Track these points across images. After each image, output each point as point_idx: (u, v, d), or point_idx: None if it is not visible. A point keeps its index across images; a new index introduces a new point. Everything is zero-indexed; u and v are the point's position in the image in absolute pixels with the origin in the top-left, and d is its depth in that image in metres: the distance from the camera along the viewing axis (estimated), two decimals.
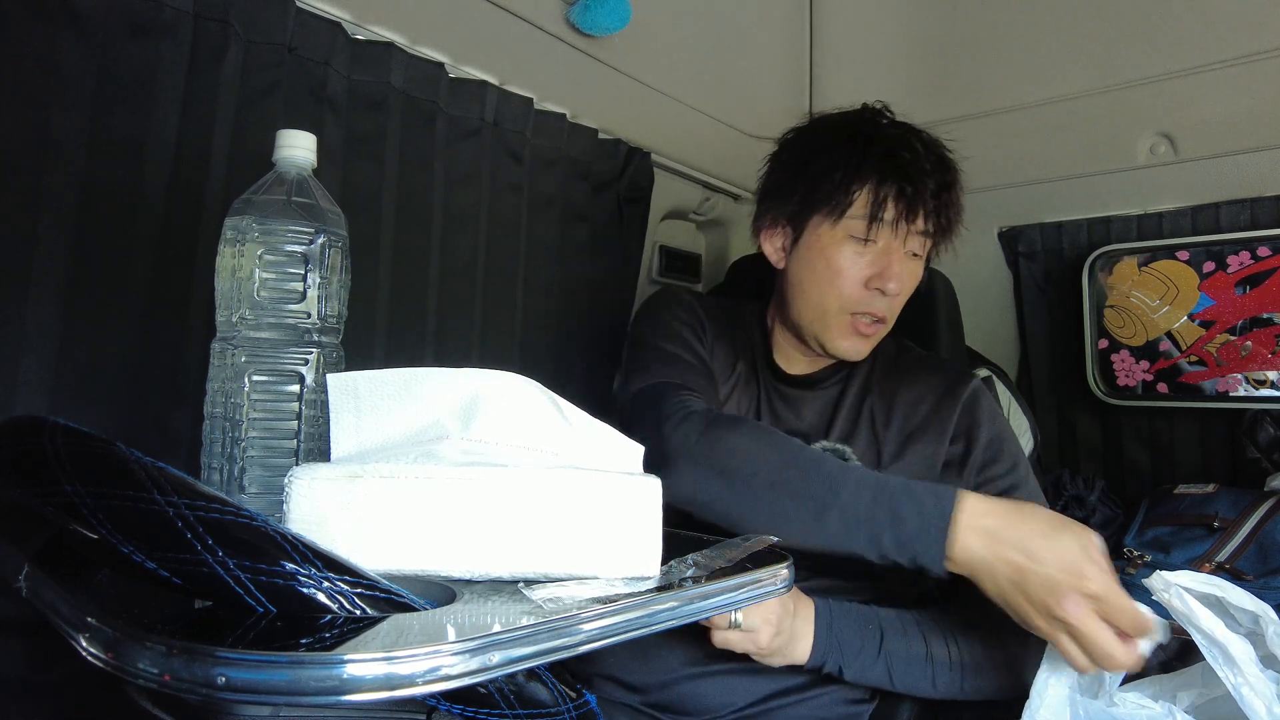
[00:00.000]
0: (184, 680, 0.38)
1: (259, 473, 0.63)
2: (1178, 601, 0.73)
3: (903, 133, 0.97)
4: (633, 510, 0.56)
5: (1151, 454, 1.60)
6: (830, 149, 0.95)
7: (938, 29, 1.69)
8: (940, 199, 0.94)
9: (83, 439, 0.47)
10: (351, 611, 0.44)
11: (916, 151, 0.94)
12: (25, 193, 0.77)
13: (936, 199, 0.94)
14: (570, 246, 1.37)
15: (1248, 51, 1.35)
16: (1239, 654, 0.70)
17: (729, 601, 0.58)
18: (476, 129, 1.19)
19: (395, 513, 0.52)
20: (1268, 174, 1.40)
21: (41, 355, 0.77)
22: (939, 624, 0.90)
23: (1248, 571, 1.28)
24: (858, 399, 1.01)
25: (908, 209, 0.92)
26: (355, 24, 1.03)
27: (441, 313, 1.16)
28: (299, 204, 0.64)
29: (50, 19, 0.78)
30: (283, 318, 0.64)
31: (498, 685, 0.49)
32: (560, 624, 0.46)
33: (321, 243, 0.65)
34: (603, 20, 1.23)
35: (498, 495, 0.53)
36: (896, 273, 0.92)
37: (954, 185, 0.96)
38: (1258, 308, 1.42)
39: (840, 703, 0.93)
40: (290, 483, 0.52)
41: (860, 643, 0.87)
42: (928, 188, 0.92)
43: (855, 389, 1.02)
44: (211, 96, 0.89)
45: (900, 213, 0.92)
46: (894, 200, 0.92)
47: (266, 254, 0.63)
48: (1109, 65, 1.48)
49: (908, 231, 0.94)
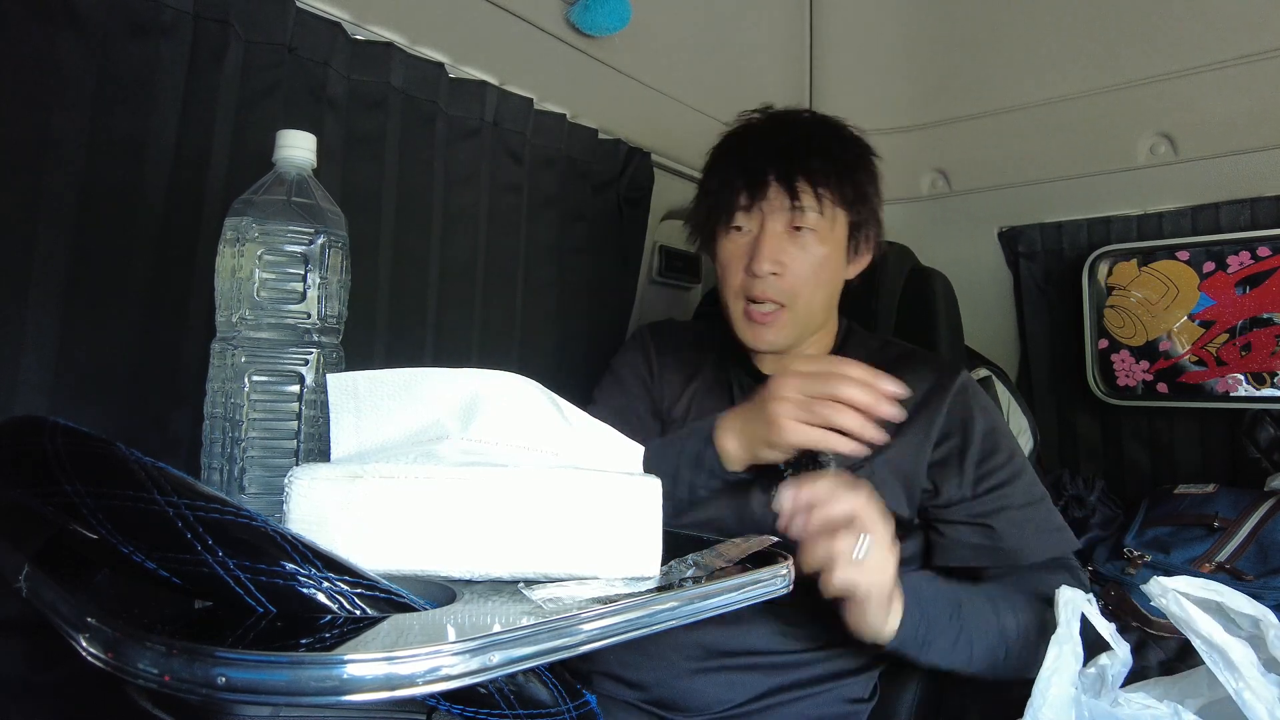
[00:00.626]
0: (184, 680, 0.38)
1: (259, 473, 0.63)
2: (1175, 607, 0.73)
3: (762, 119, 1.01)
4: (633, 510, 0.56)
5: (1151, 454, 1.60)
6: (707, 169, 1.03)
7: (938, 29, 1.69)
8: (800, 166, 0.93)
9: (83, 439, 0.47)
10: (351, 611, 0.44)
11: (764, 130, 0.99)
12: (25, 193, 0.77)
13: (791, 167, 0.93)
14: (570, 246, 1.37)
15: (1248, 51, 1.35)
16: (1239, 658, 0.70)
17: (729, 601, 0.58)
18: (476, 129, 1.19)
19: (395, 513, 0.52)
20: (1268, 174, 1.40)
21: (41, 355, 0.77)
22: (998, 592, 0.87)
23: (1248, 571, 1.28)
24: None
25: (755, 187, 0.94)
26: (355, 24, 1.03)
27: (441, 313, 1.16)
28: (299, 204, 0.64)
29: (50, 19, 0.78)
30: (283, 318, 0.64)
31: (498, 685, 0.49)
32: (560, 624, 0.46)
33: (321, 243, 0.65)
34: (603, 20, 1.23)
35: (498, 495, 0.53)
36: (764, 251, 0.93)
37: (818, 151, 0.95)
38: (1258, 308, 1.42)
39: (840, 700, 0.93)
40: (290, 483, 0.52)
41: (946, 621, 0.81)
42: (773, 160, 0.94)
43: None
44: (211, 96, 0.89)
45: (751, 192, 0.94)
46: (741, 180, 0.95)
47: (266, 254, 0.63)
48: (1109, 65, 1.48)
49: (770, 209, 0.94)
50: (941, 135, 1.71)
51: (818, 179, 0.93)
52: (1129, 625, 1.27)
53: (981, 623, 0.83)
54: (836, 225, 0.97)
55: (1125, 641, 0.79)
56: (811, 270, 0.95)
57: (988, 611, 0.84)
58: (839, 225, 0.97)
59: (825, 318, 1.03)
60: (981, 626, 0.83)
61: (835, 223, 0.97)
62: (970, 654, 0.82)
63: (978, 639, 0.82)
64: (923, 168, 1.75)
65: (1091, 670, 0.78)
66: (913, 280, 1.29)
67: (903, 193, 1.75)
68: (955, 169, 1.72)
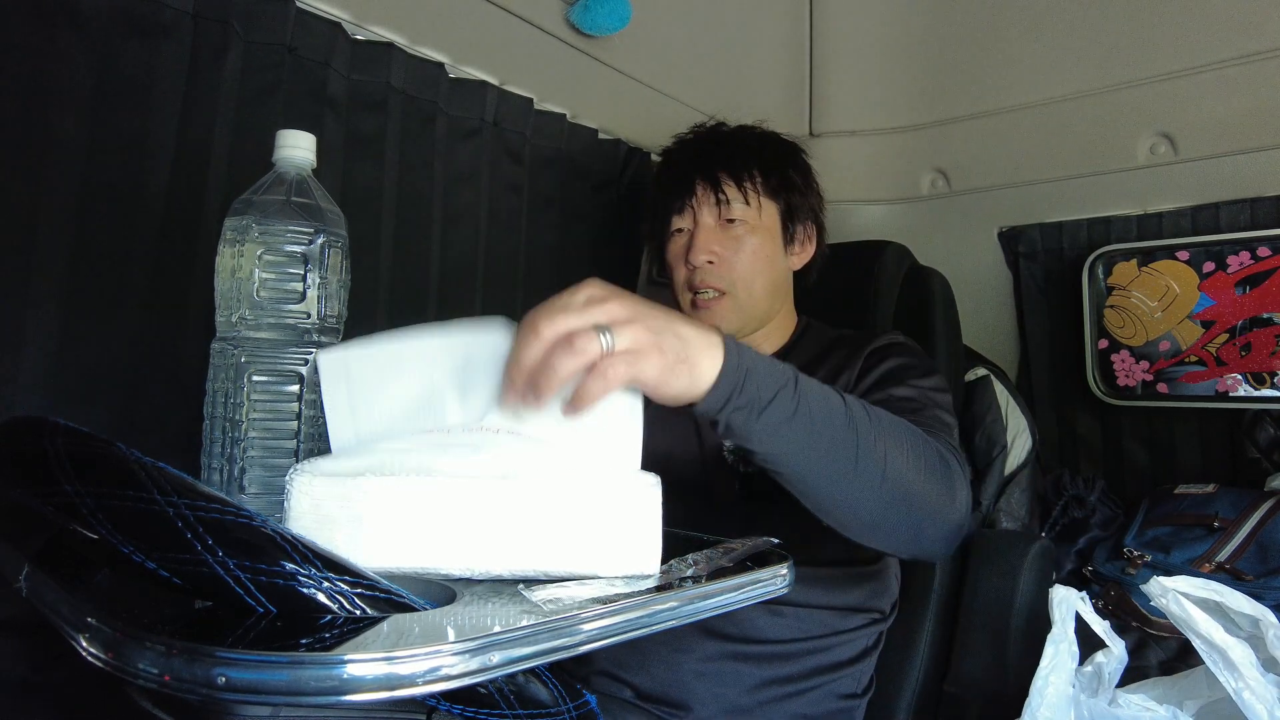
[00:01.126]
0: (184, 680, 0.38)
1: (259, 473, 0.63)
2: (1175, 607, 0.73)
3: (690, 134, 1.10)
4: (632, 510, 0.56)
5: (1151, 454, 1.60)
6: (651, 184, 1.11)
7: (938, 29, 1.69)
8: (723, 164, 1.01)
9: (83, 439, 0.47)
10: (351, 611, 0.44)
11: (691, 142, 1.08)
12: (25, 193, 0.77)
13: (713, 165, 1.01)
14: (570, 246, 1.37)
15: (1248, 51, 1.35)
16: (1239, 658, 0.70)
17: (729, 601, 0.58)
18: (476, 129, 1.19)
19: (395, 512, 0.52)
20: (1268, 174, 1.40)
21: (41, 355, 0.77)
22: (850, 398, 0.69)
23: (1248, 571, 1.28)
24: None
25: (684, 187, 1.02)
26: (355, 24, 1.03)
27: (441, 312, 1.16)
28: (299, 204, 0.64)
29: (50, 19, 0.78)
30: (282, 318, 0.64)
31: (498, 685, 0.49)
32: (560, 624, 0.46)
33: (321, 243, 0.65)
34: (603, 20, 1.23)
35: (497, 495, 0.53)
36: (698, 243, 1.00)
37: (739, 149, 1.03)
38: (1258, 308, 1.42)
39: (833, 697, 0.93)
40: (290, 481, 0.52)
41: (774, 384, 0.63)
42: (696, 163, 1.02)
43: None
44: (211, 96, 0.89)
45: (681, 193, 1.02)
46: (674, 184, 1.03)
47: (266, 254, 0.63)
48: (1109, 65, 1.48)
49: (699, 204, 1.02)
50: (941, 135, 1.70)
51: (740, 172, 1.01)
52: (1129, 625, 1.27)
53: (827, 402, 0.66)
54: (765, 214, 1.03)
55: (1121, 639, 0.79)
56: (746, 258, 1.01)
57: (834, 395, 0.67)
58: (768, 214, 1.04)
59: (770, 307, 1.06)
60: (828, 405, 0.66)
61: (764, 212, 1.03)
62: (813, 434, 0.64)
63: (823, 418, 0.65)
64: (922, 168, 1.75)
65: (1088, 668, 0.78)
66: (911, 280, 1.29)
67: (902, 193, 1.75)
68: (955, 169, 1.72)
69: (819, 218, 1.10)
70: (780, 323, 1.08)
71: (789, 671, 0.92)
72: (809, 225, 1.08)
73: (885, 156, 1.08)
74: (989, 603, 1.08)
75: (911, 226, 1.70)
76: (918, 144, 1.73)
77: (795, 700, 0.92)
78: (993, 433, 1.33)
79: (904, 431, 0.71)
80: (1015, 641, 1.05)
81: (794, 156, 1.08)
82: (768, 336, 1.07)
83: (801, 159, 1.08)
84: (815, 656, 0.93)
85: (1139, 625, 1.25)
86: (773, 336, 1.08)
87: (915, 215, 1.76)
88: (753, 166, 1.02)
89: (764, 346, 1.06)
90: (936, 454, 0.73)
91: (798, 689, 0.92)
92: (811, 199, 1.08)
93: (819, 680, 0.92)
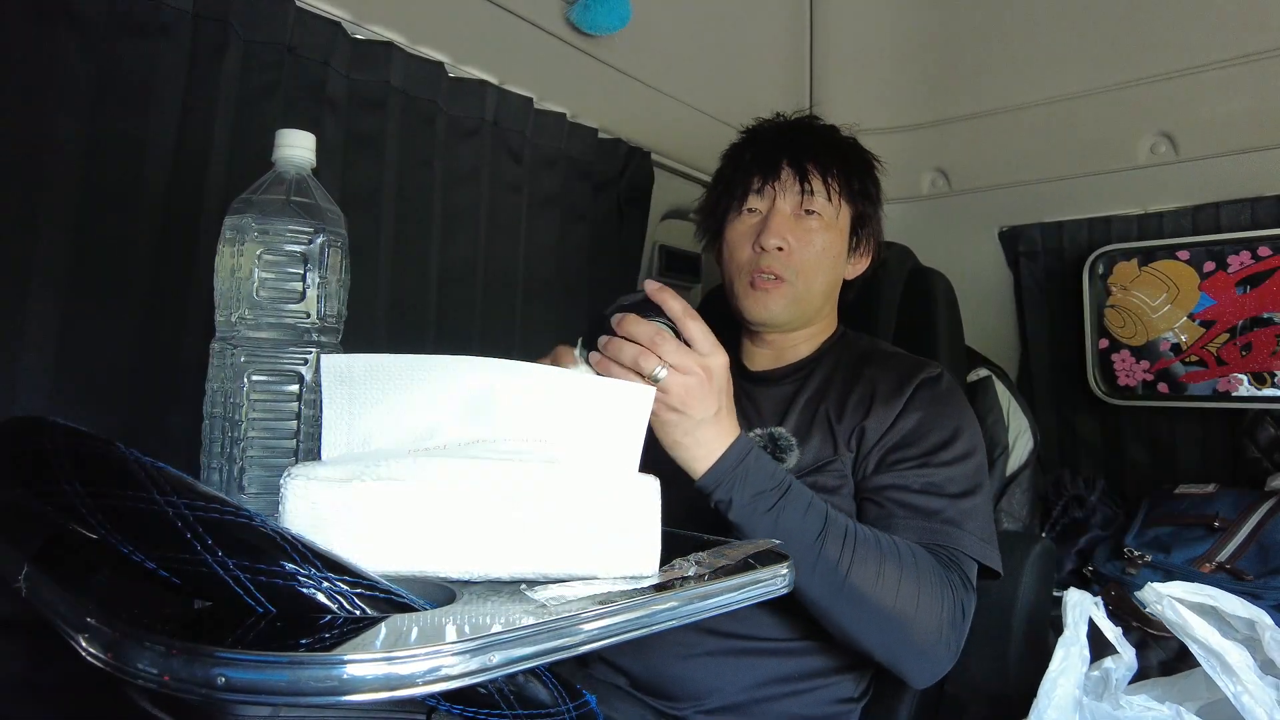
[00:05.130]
0: (184, 680, 0.37)
1: (259, 473, 0.63)
2: (1171, 613, 0.73)
3: (775, 121, 1.09)
4: (632, 510, 0.56)
5: (1152, 454, 1.60)
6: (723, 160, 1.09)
7: (937, 29, 1.69)
8: (811, 154, 1.01)
9: (83, 439, 0.47)
10: (351, 612, 0.44)
11: (778, 128, 1.07)
12: (25, 192, 0.77)
13: (803, 154, 1.01)
14: (570, 246, 1.37)
15: (1248, 51, 1.35)
16: (1236, 662, 0.70)
17: (729, 601, 0.58)
18: (476, 129, 1.19)
19: (393, 513, 0.52)
20: (1268, 174, 1.40)
21: (41, 355, 0.77)
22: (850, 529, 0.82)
23: (1248, 571, 1.28)
24: (814, 396, 1.01)
25: (769, 169, 1.01)
26: (355, 24, 1.03)
27: (441, 312, 1.16)
28: (298, 203, 0.64)
29: (50, 19, 0.78)
30: (282, 317, 0.64)
31: (498, 685, 0.49)
32: (560, 624, 0.46)
33: (321, 242, 0.65)
34: (603, 20, 1.23)
35: (497, 496, 0.53)
36: (773, 227, 0.99)
37: (829, 146, 1.04)
38: (1258, 307, 1.42)
39: (831, 701, 0.93)
40: (285, 483, 0.51)
41: (762, 487, 0.78)
42: (785, 150, 1.02)
43: (813, 387, 1.02)
44: (211, 96, 0.89)
45: (765, 174, 1.01)
46: (756, 163, 1.02)
47: (266, 254, 0.63)
48: (1109, 65, 1.48)
49: (781, 189, 1.01)
50: (941, 135, 1.71)
51: (827, 167, 1.01)
52: (1130, 625, 1.27)
53: (803, 524, 0.79)
54: (841, 216, 1.03)
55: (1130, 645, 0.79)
56: (815, 252, 1.00)
57: (813, 523, 0.79)
58: (843, 216, 1.03)
59: (821, 307, 1.05)
60: (803, 527, 0.78)
61: (840, 213, 1.03)
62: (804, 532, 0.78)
63: (796, 537, 0.77)
64: (923, 167, 1.75)
65: (1096, 673, 0.78)
66: (913, 280, 1.29)
67: (903, 192, 1.75)
68: (955, 169, 1.72)
69: (880, 236, 1.09)
70: (823, 326, 1.08)
71: (787, 671, 0.92)
72: (871, 241, 1.07)
73: (885, 156, 1.08)
74: (990, 604, 1.07)
75: (912, 226, 1.70)
76: (918, 143, 1.73)
77: (791, 700, 0.92)
78: (994, 434, 1.33)
79: (894, 568, 0.80)
80: (1016, 643, 1.04)
81: (873, 170, 1.07)
82: (809, 337, 1.07)
83: (876, 175, 1.08)
84: (814, 657, 0.92)
85: (1140, 625, 1.25)
86: (814, 338, 1.07)
87: (915, 215, 1.76)
88: (839, 165, 1.02)
89: (801, 347, 1.06)
90: (936, 594, 0.80)
91: (794, 689, 0.92)
92: (879, 215, 1.08)
93: (816, 682, 0.92)
